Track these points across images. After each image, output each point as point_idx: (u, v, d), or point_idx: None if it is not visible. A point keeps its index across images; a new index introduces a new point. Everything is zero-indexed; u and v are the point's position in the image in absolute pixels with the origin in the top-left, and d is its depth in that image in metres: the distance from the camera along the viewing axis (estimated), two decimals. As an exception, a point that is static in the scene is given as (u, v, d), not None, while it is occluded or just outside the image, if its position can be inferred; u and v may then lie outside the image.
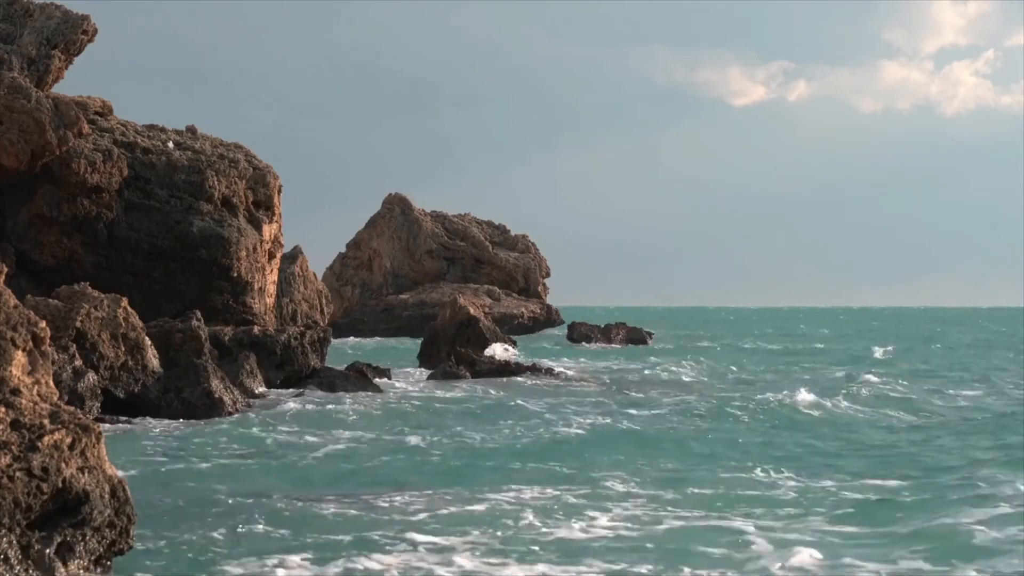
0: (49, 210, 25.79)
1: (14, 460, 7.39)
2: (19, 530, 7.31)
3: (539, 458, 14.52)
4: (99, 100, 28.94)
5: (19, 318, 8.13)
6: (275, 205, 29.38)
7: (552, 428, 17.88)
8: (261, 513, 10.64)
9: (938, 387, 26.86)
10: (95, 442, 7.84)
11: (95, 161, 25.96)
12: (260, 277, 28.44)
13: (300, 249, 43.35)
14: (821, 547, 9.34)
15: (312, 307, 41.78)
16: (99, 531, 7.81)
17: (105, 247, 26.46)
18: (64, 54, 26.93)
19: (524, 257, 73.17)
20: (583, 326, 55.91)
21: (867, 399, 22.83)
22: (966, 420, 19.75)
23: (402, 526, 10.18)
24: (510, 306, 65.70)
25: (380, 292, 71.54)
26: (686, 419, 19.30)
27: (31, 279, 24.90)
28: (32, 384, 8.03)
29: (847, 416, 20.18)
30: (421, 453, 15.19)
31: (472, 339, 32.83)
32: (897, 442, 16.78)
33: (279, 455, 14.81)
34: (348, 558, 8.93)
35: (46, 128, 24.51)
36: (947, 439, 16.95)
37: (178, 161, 27.78)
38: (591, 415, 19.80)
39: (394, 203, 74.23)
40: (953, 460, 14.70)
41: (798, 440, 16.75)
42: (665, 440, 16.59)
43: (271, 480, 12.89)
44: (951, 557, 9.11)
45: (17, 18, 27.03)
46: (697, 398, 23.10)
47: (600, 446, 15.79)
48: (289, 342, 23.61)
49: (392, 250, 72.60)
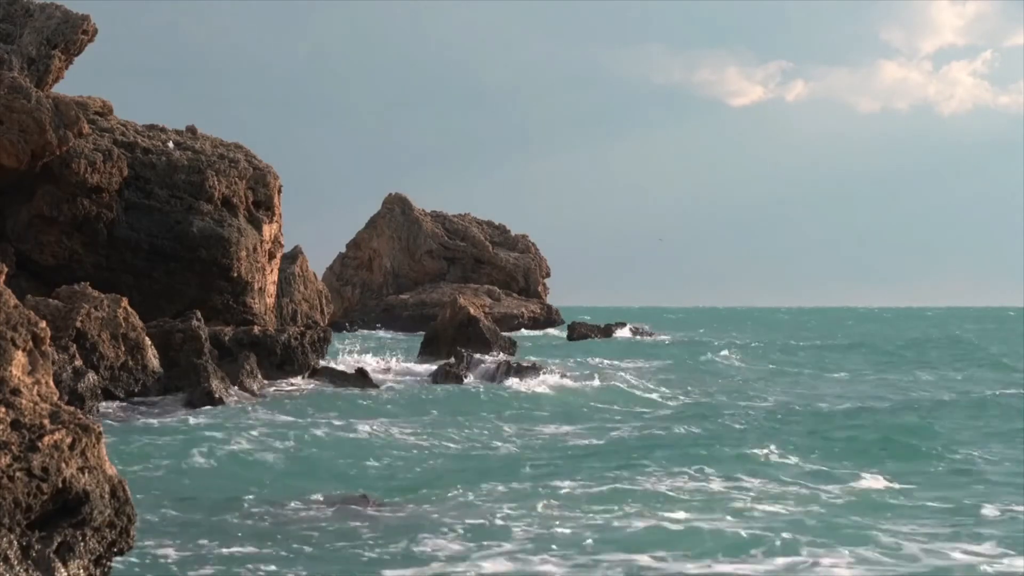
0: (49, 210, 25.78)
1: (14, 460, 7.39)
2: (19, 530, 7.31)
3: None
4: (99, 100, 28.94)
5: (19, 318, 8.13)
6: (275, 205, 29.37)
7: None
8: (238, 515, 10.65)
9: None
10: (95, 442, 7.84)
11: (95, 161, 25.96)
12: (260, 277, 28.43)
13: (300, 249, 43.34)
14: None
15: (312, 307, 41.77)
16: (99, 531, 7.81)
17: (105, 247, 26.45)
18: (64, 54, 26.92)
19: (524, 257, 73.18)
20: (583, 326, 55.93)
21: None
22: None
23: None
24: (510, 306, 65.71)
25: (380, 292, 71.56)
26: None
27: (31, 279, 24.89)
28: (32, 384, 8.03)
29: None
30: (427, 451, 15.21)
31: (472, 339, 32.83)
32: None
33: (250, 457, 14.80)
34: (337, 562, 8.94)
35: (46, 128, 24.50)
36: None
37: (178, 161, 27.78)
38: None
39: (394, 203, 74.25)
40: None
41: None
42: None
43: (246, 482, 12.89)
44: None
45: (17, 18, 27.02)
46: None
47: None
48: (289, 342, 23.62)
49: (392, 250, 72.62)
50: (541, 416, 19.92)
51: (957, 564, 8.92)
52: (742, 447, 14.91)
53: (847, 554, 9.06)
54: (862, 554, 9.11)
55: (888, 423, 17.99)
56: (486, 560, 8.98)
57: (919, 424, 17.90)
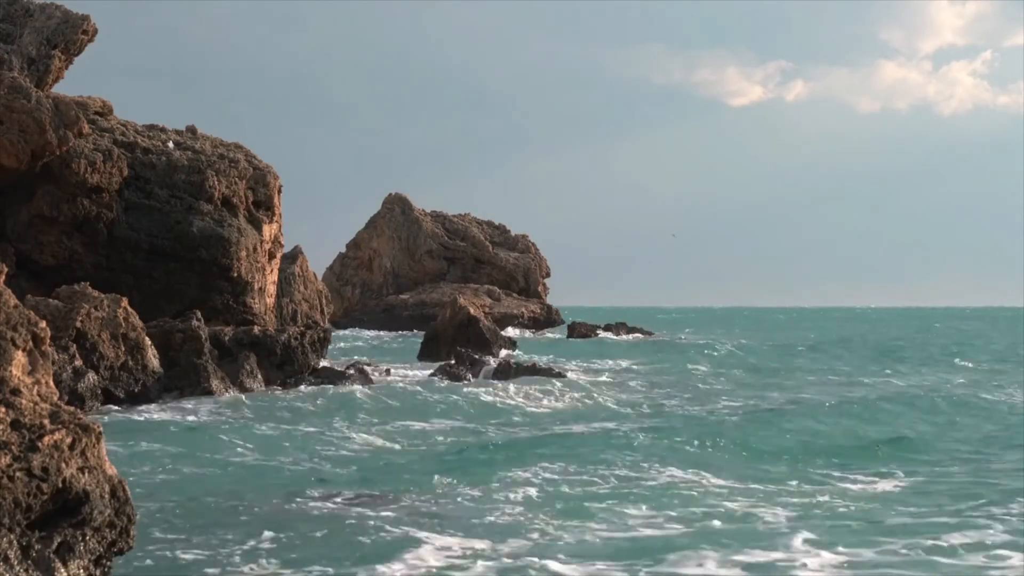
0: (49, 210, 25.79)
1: (14, 460, 7.39)
2: (19, 530, 7.30)
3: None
4: (99, 100, 28.95)
5: (19, 318, 8.13)
6: (275, 205, 29.39)
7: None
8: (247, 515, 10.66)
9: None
10: (95, 442, 7.83)
11: (95, 161, 25.96)
12: (260, 277, 28.44)
13: (300, 249, 43.39)
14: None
15: (312, 307, 41.79)
16: (99, 531, 7.80)
17: (105, 247, 26.46)
18: (64, 54, 26.94)
19: (524, 257, 73.20)
20: (583, 326, 55.97)
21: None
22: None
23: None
24: (510, 306, 65.72)
25: (380, 292, 71.58)
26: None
27: (31, 279, 24.90)
28: (32, 384, 8.02)
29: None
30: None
31: (472, 339, 32.85)
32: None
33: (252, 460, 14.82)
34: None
35: (46, 128, 24.51)
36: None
37: (178, 161, 27.79)
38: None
39: (394, 203, 74.27)
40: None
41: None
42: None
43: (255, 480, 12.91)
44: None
45: (17, 18, 27.03)
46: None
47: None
48: (289, 342, 23.62)
49: (392, 250, 72.64)
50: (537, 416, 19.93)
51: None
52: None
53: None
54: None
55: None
56: (481, 561, 9.01)
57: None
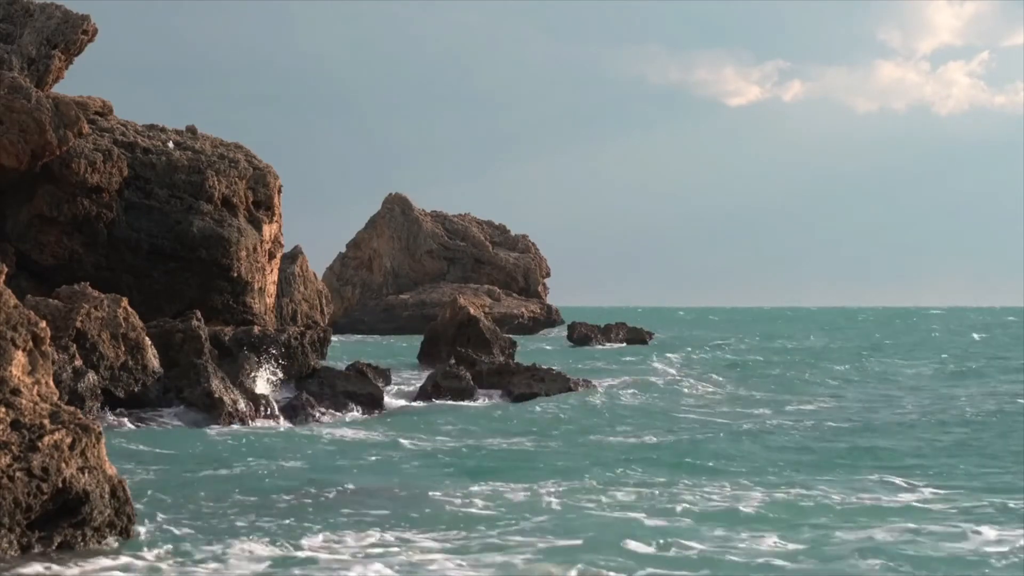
0: (49, 210, 25.79)
1: (14, 460, 7.39)
2: (19, 530, 7.30)
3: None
4: (99, 100, 28.92)
5: (19, 318, 8.13)
6: (275, 205, 29.36)
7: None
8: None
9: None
10: (95, 442, 7.84)
11: (95, 161, 25.96)
12: (260, 277, 28.43)
13: (300, 249, 43.35)
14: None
15: (312, 307, 41.77)
16: (99, 531, 7.81)
17: (105, 247, 26.45)
18: (64, 54, 26.91)
19: (524, 257, 73.20)
20: (583, 326, 55.90)
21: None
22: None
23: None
24: (510, 306, 65.71)
25: (380, 292, 71.58)
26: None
27: (31, 279, 24.88)
28: (32, 384, 8.02)
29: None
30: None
31: (472, 339, 32.79)
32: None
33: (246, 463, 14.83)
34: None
35: (46, 128, 24.50)
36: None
37: (178, 161, 27.77)
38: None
39: (394, 203, 74.26)
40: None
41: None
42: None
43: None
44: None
45: (17, 18, 27.01)
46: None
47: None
48: (289, 342, 23.61)
49: (392, 250, 72.64)
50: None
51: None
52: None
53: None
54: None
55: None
56: (477, 553, 9.02)
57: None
